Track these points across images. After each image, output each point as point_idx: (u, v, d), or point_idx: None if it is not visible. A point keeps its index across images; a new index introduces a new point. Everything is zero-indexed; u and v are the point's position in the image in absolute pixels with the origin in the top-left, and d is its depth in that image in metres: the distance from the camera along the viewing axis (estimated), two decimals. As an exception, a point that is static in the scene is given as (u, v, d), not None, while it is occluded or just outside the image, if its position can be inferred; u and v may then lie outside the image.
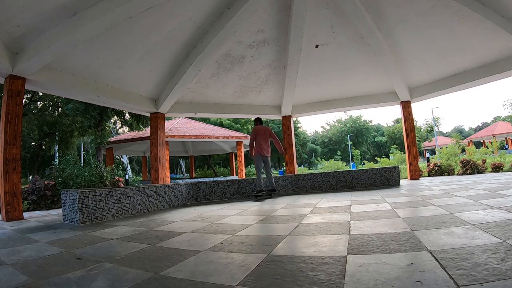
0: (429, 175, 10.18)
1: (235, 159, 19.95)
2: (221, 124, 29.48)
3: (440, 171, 10.11)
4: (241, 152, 16.91)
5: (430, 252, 1.69)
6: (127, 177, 16.85)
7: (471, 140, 37.95)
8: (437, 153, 16.56)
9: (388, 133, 48.82)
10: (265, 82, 8.62)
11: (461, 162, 9.88)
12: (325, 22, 6.85)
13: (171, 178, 20.23)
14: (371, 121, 55.54)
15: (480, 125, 69.78)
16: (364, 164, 33.77)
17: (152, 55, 6.44)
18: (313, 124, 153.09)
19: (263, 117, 8.77)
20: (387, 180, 6.72)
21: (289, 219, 3.30)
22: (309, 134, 57.08)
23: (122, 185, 9.07)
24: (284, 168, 17.20)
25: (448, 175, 9.80)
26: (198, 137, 15.53)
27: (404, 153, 9.82)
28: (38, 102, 14.14)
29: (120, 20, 4.92)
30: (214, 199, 6.47)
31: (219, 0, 5.85)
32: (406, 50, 7.38)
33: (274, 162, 39.88)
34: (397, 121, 50.07)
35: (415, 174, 8.60)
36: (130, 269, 1.82)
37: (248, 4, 5.79)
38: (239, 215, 3.91)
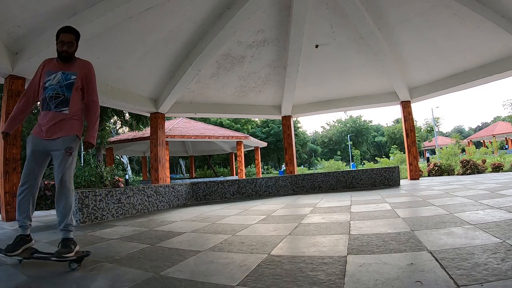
0: (429, 175, 10.18)
1: (235, 159, 19.95)
2: (221, 124, 29.48)
3: (440, 171, 10.11)
4: (241, 152, 16.90)
5: (430, 252, 1.69)
6: (127, 177, 16.83)
7: (471, 140, 37.94)
8: (437, 153, 16.56)
9: (388, 133, 48.80)
10: (265, 82, 8.62)
11: (461, 162, 9.88)
12: (325, 22, 6.84)
13: (171, 178, 20.21)
14: (371, 121, 55.46)
15: (480, 125, 69.80)
16: (364, 164, 33.80)
17: (152, 55, 6.44)
18: (313, 124, 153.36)
19: (263, 117, 8.73)
20: (387, 180, 6.72)
21: (289, 219, 3.30)
22: (309, 134, 57.08)
23: (122, 185, 9.07)
24: (284, 168, 17.22)
25: (448, 175, 9.80)
26: (198, 137, 15.53)
27: (404, 153, 9.82)
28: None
29: (120, 20, 4.92)
30: (214, 199, 6.47)
31: (219, 0, 5.85)
32: (406, 50, 7.38)
33: (274, 162, 39.70)
34: (397, 121, 50.07)
35: (415, 174, 8.60)
36: (130, 269, 1.82)
37: (248, 4, 5.79)
38: (239, 215, 3.91)
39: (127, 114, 14.03)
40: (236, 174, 19.59)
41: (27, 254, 2.00)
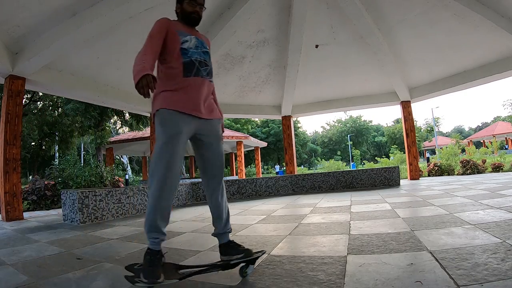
0: (429, 175, 10.17)
1: (235, 159, 19.94)
2: (221, 124, 29.40)
3: (440, 171, 10.11)
4: (241, 152, 16.89)
5: (430, 252, 1.69)
6: (127, 177, 16.84)
7: (471, 140, 37.94)
8: (437, 153, 16.57)
9: (388, 133, 48.79)
10: (265, 82, 8.61)
11: (461, 162, 9.87)
12: (325, 22, 6.84)
13: (171, 178, 20.07)
14: (371, 121, 55.51)
15: (480, 125, 69.82)
16: (364, 164, 33.79)
17: (152, 55, 6.43)
18: (313, 124, 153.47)
19: (263, 117, 8.68)
20: (387, 180, 6.72)
21: (289, 219, 3.30)
22: (309, 134, 57.10)
23: (122, 185, 9.07)
24: (284, 168, 17.21)
25: (448, 175, 9.79)
26: (198, 137, 15.48)
27: (404, 153, 9.82)
28: (38, 102, 14.15)
29: (120, 20, 4.92)
30: (214, 199, 6.46)
31: (219, 0, 5.84)
32: (406, 50, 7.38)
33: (274, 162, 39.64)
34: (397, 121, 50.06)
35: (415, 174, 8.60)
36: (130, 269, 1.82)
37: (248, 4, 5.79)
38: (239, 215, 3.91)
39: (127, 114, 14.05)
40: (236, 174, 19.58)
41: (176, 276, 1.48)
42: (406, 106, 8.67)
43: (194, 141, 1.70)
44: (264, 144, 21.54)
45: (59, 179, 7.56)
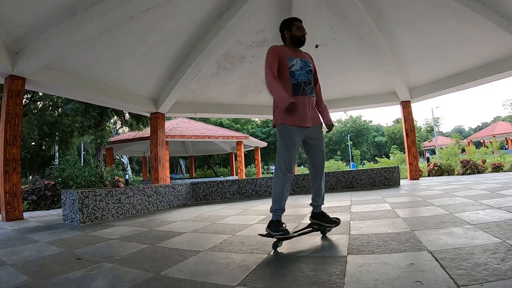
0: (429, 175, 10.17)
1: (235, 159, 19.94)
2: (221, 124, 29.47)
3: (440, 171, 10.11)
4: (241, 152, 16.89)
5: (430, 252, 1.69)
6: (127, 177, 16.85)
7: (471, 140, 37.94)
8: (437, 153, 16.57)
9: (388, 133, 48.78)
10: (265, 82, 8.60)
11: (461, 162, 9.87)
12: (325, 22, 6.83)
13: (171, 178, 20.22)
14: (371, 121, 55.51)
15: (480, 125, 69.84)
16: (364, 164, 33.79)
17: (152, 55, 6.44)
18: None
19: (263, 117, 8.66)
20: (387, 180, 6.72)
21: (289, 219, 3.29)
22: (309, 134, 56.99)
23: (122, 185, 9.08)
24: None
25: (448, 175, 9.80)
26: (198, 137, 15.52)
27: (404, 153, 9.82)
28: (38, 102, 14.14)
29: (120, 20, 4.92)
30: (214, 199, 6.47)
31: (219, 0, 5.84)
32: (406, 50, 7.37)
33: (274, 162, 39.73)
34: (397, 121, 50.08)
35: (415, 174, 8.60)
36: (130, 269, 1.82)
37: (248, 4, 5.78)
38: (239, 215, 3.91)
39: (127, 114, 14.03)
40: (236, 174, 19.57)
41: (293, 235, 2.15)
42: (406, 106, 8.67)
43: (304, 143, 2.28)
44: (264, 144, 21.53)
45: (59, 179, 7.56)
